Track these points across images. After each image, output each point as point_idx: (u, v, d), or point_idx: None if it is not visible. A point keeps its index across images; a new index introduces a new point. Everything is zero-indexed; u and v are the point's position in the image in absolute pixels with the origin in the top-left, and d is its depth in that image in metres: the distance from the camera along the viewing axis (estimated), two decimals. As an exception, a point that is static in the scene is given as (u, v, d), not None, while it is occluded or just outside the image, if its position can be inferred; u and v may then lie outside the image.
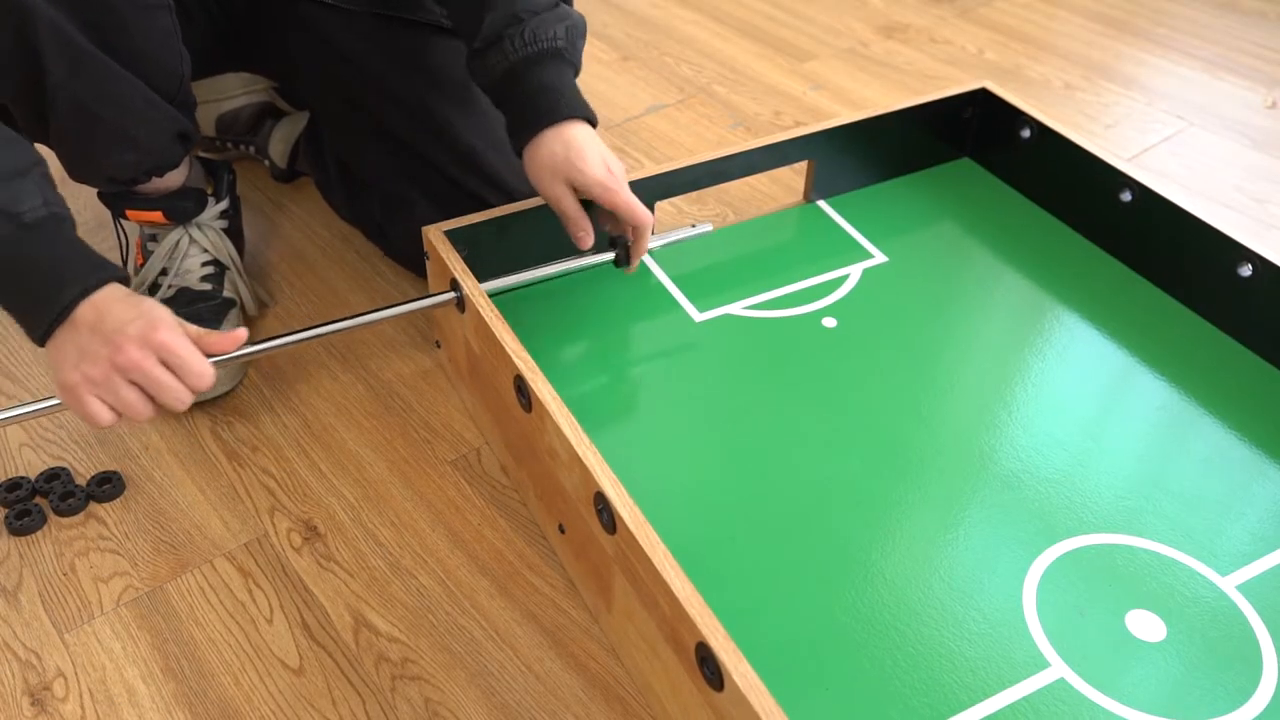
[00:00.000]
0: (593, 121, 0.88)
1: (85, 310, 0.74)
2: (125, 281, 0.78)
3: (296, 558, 0.84)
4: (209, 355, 0.77)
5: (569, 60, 0.89)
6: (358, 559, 0.84)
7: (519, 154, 0.89)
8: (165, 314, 0.76)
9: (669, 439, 0.87)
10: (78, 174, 0.91)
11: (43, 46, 0.80)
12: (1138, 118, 1.41)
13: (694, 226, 0.99)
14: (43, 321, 0.74)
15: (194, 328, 0.78)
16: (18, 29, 0.79)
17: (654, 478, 0.83)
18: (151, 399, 0.75)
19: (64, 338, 0.74)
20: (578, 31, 0.90)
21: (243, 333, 0.79)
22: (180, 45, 0.88)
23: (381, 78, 1.02)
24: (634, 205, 0.87)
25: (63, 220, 0.77)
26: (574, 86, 0.89)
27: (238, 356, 0.81)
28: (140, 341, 0.73)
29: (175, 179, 0.96)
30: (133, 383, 0.74)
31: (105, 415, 0.74)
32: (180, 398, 0.75)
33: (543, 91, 0.86)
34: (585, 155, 0.85)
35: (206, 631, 0.79)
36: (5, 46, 0.80)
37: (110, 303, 0.75)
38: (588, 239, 0.88)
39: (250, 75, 1.21)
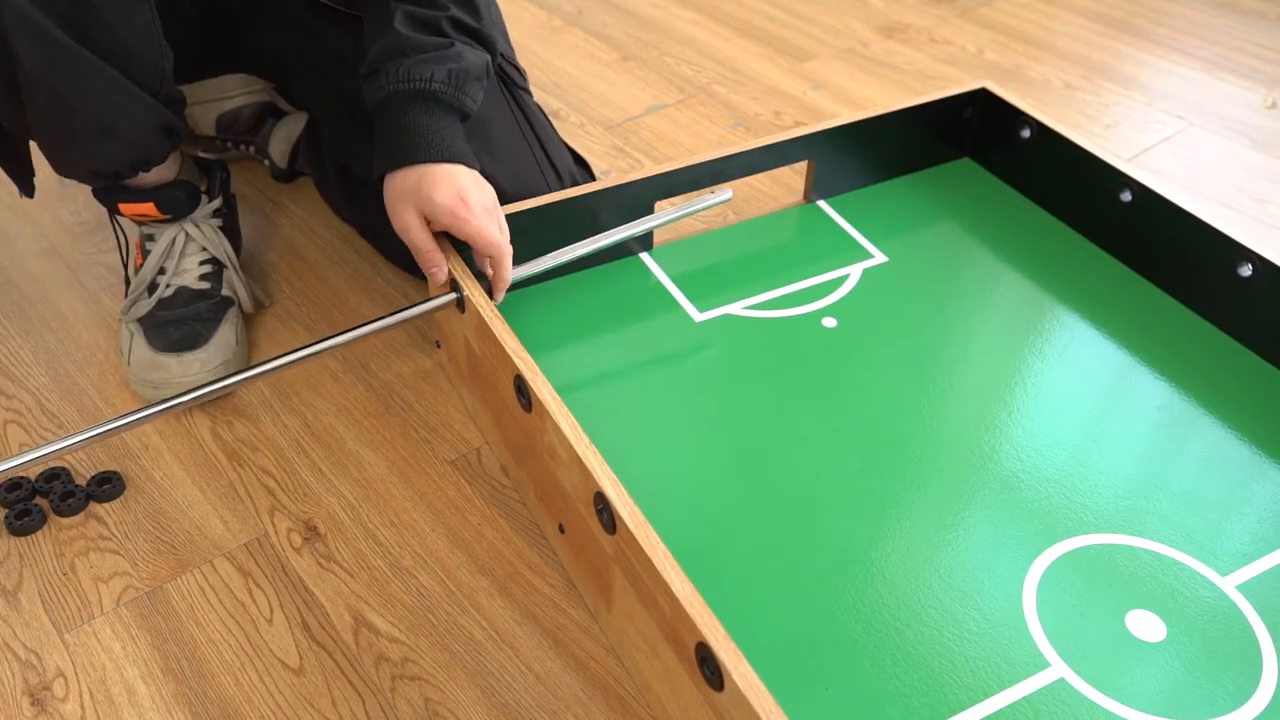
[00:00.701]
0: (466, 164, 0.87)
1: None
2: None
3: (296, 558, 0.84)
4: None
5: (447, 103, 0.87)
6: (358, 559, 0.84)
7: (379, 184, 0.89)
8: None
9: (669, 439, 0.87)
10: (61, 166, 0.91)
11: (12, 36, 0.80)
12: (1138, 118, 1.41)
13: (713, 193, 0.99)
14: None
15: None
16: None
17: (654, 478, 0.83)
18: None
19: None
20: (467, 75, 0.88)
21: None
22: (161, 39, 0.88)
23: None
24: (485, 232, 0.84)
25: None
26: (445, 130, 0.87)
27: (245, 379, 0.82)
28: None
29: (165, 173, 0.96)
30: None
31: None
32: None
33: (405, 131, 0.86)
34: (438, 185, 0.84)
35: (206, 631, 0.79)
36: None
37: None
38: (440, 274, 0.87)
39: (250, 75, 1.21)
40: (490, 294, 0.88)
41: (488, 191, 0.88)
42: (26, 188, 0.98)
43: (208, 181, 1.02)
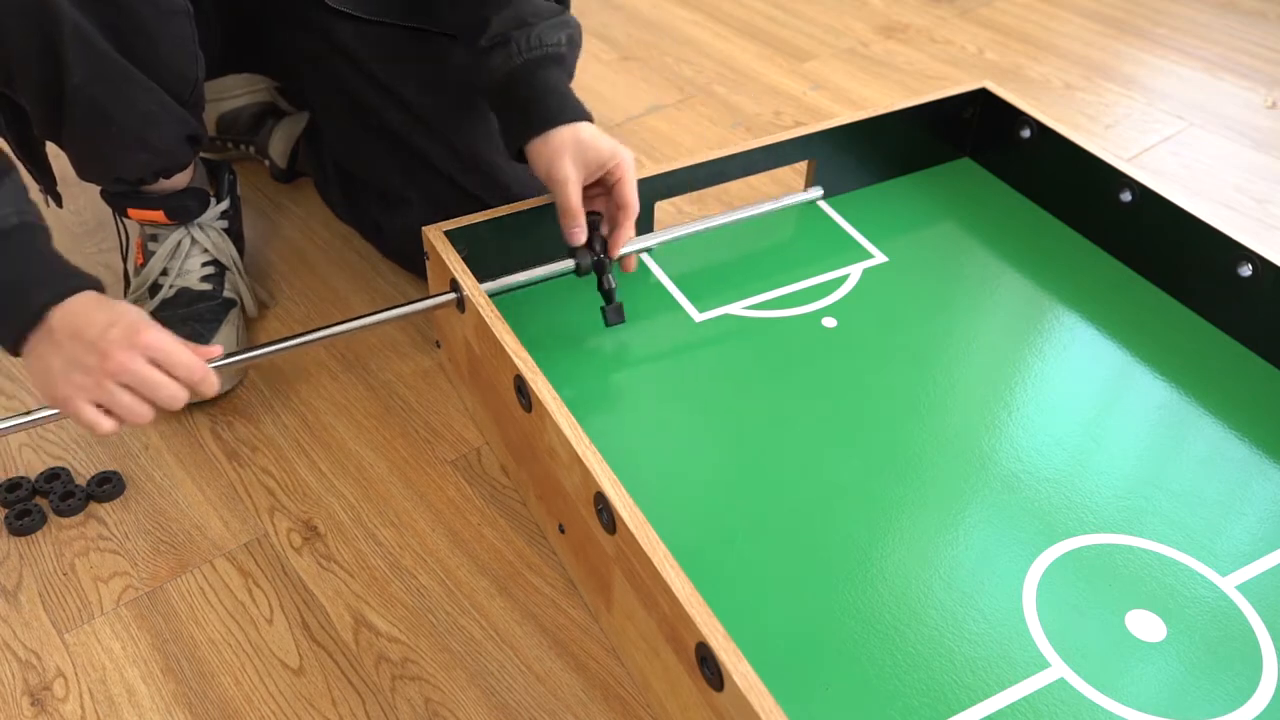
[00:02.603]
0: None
1: (61, 318, 0.73)
2: (100, 289, 0.77)
3: (296, 558, 0.84)
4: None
5: (567, 67, 0.91)
6: (358, 559, 0.84)
7: (518, 152, 0.90)
8: (144, 315, 0.75)
9: (669, 439, 0.87)
10: (87, 174, 0.92)
11: (66, 49, 0.80)
12: (1138, 118, 1.41)
13: (806, 191, 1.07)
14: (13, 329, 0.74)
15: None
16: (43, 31, 0.79)
17: (654, 478, 0.83)
18: (148, 400, 0.75)
19: (44, 349, 0.73)
20: (577, 41, 0.92)
21: (217, 349, 0.79)
22: (196, 49, 0.88)
23: (383, 77, 1.02)
24: (634, 187, 0.89)
25: (35, 229, 0.76)
26: (571, 91, 0.90)
27: (239, 361, 0.81)
28: (126, 344, 0.72)
29: (181, 180, 0.96)
30: (126, 386, 0.73)
31: (105, 423, 0.74)
32: (175, 394, 0.75)
33: (550, 93, 0.88)
34: (597, 139, 0.88)
35: (206, 631, 0.79)
36: (30, 47, 0.80)
37: (88, 309, 0.74)
38: (581, 234, 0.88)
39: (251, 75, 1.21)
40: (606, 250, 0.91)
41: None
42: (55, 196, 0.97)
43: (215, 184, 1.02)
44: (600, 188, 0.91)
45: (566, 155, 0.87)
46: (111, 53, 0.82)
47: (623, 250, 0.91)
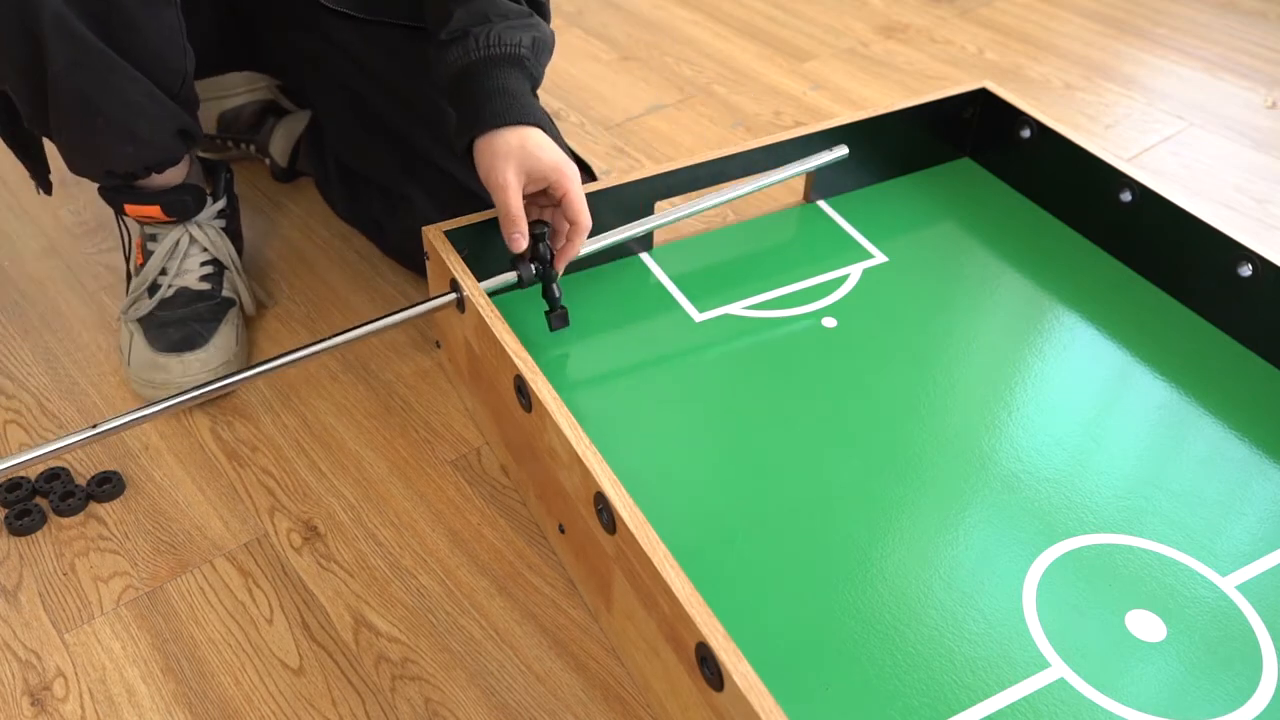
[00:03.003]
0: (552, 132, 0.88)
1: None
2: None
3: (296, 558, 0.84)
4: None
5: (529, 71, 0.89)
6: (358, 559, 0.84)
7: (465, 151, 0.89)
8: None
9: (669, 439, 0.87)
10: (77, 166, 0.91)
11: (46, 36, 0.80)
12: (1138, 118, 1.41)
13: (831, 151, 1.05)
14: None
15: None
16: (22, 16, 0.79)
17: (654, 478, 0.83)
18: None
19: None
20: (543, 45, 0.90)
21: None
22: (185, 42, 0.88)
23: (385, 75, 1.02)
24: (583, 199, 0.87)
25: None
26: (531, 96, 0.89)
27: (242, 379, 0.82)
28: None
29: (174, 176, 0.96)
30: None
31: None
32: None
33: (501, 94, 0.86)
34: (542, 147, 0.86)
35: (206, 631, 0.79)
36: (9, 33, 0.80)
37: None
38: (522, 241, 0.86)
39: (252, 74, 1.21)
40: (551, 261, 0.89)
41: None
42: (45, 185, 0.98)
43: (213, 183, 1.02)
44: (548, 199, 0.90)
45: (506, 159, 0.85)
46: (94, 40, 0.82)
47: (640, 230, 0.90)
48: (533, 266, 0.89)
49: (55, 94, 0.83)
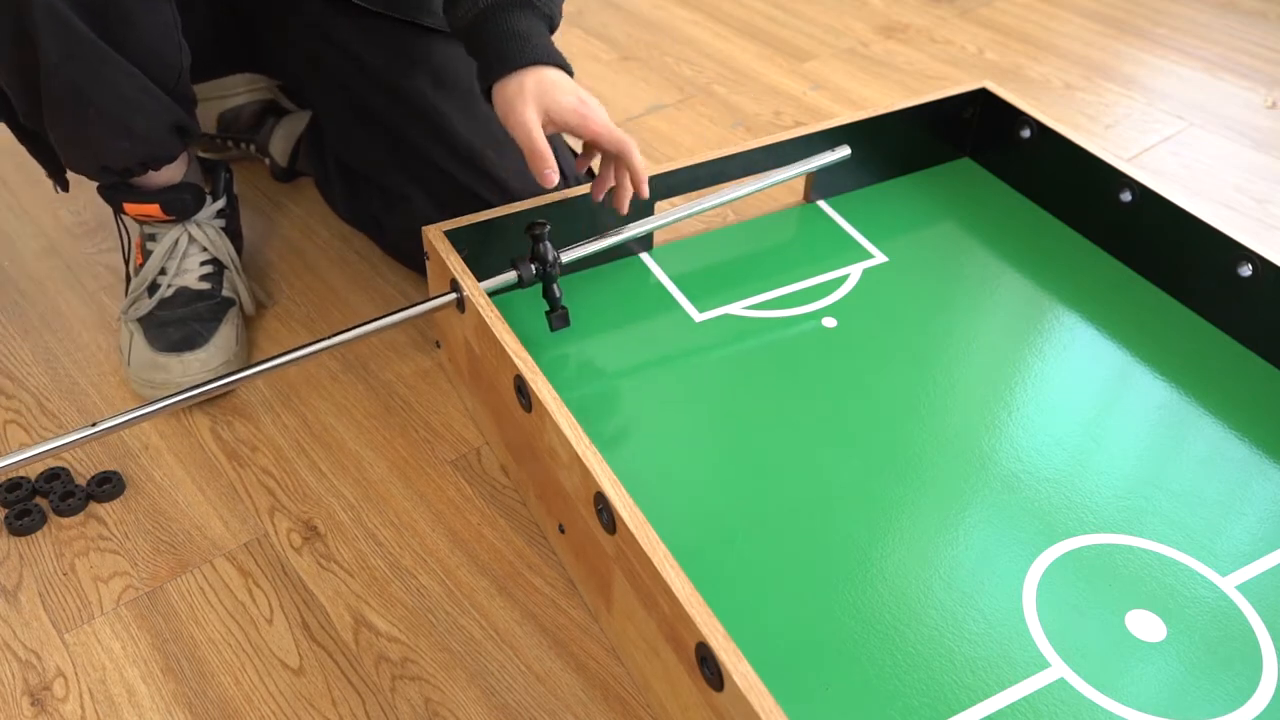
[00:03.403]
0: (568, 71, 0.88)
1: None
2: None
3: (296, 558, 0.84)
4: None
5: (542, 11, 0.89)
6: (358, 559, 0.84)
7: (488, 97, 0.89)
8: None
9: (669, 439, 0.87)
10: (73, 161, 0.91)
11: (39, 29, 0.80)
12: (1138, 118, 1.41)
13: (833, 151, 1.04)
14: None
15: None
16: (16, 11, 0.79)
17: (654, 478, 0.83)
18: None
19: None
20: None
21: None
22: (180, 37, 0.88)
23: (385, 75, 1.02)
24: (612, 129, 0.86)
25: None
26: (546, 36, 0.88)
27: (242, 378, 0.82)
28: None
29: (173, 174, 0.96)
30: None
31: None
32: None
33: (513, 37, 0.86)
34: (559, 86, 0.85)
35: (206, 631, 0.79)
36: (2, 26, 0.80)
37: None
38: (553, 176, 0.85)
39: (252, 74, 1.21)
40: (552, 261, 0.89)
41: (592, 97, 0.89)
42: (62, 182, 0.98)
43: (212, 182, 1.02)
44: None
45: (524, 100, 0.84)
46: (87, 33, 0.82)
47: (640, 230, 0.89)
48: (533, 266, 0.89)
49: (48, 87, 0.83)
